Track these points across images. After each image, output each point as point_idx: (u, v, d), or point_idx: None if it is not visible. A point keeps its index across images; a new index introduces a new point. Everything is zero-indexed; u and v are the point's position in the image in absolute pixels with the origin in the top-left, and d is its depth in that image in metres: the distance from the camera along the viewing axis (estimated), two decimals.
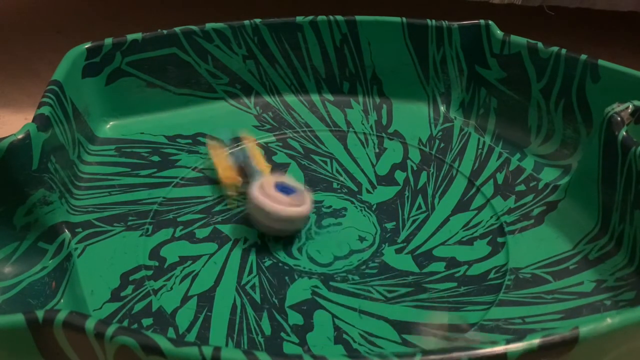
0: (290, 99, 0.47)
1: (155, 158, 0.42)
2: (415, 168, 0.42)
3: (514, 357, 0.22)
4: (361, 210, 0.38)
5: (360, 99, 0.48)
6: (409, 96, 0.47)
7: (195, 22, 0.45)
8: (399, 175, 0.41)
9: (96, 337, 0.23)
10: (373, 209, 0.38)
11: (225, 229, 0.37)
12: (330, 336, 0.30)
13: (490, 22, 0.45)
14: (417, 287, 0.33)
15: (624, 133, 0.34)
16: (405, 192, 0.40)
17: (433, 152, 0.43)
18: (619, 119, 0.34)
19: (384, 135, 0.45)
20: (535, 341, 0.22)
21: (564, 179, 0.39)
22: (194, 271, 0.34)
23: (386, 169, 0.42)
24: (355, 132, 0.45)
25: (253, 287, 0.33)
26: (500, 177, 0.40)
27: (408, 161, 0.42)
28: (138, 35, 0.43)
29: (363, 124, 0.46)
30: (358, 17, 0.46)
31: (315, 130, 0.45)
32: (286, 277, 0.34)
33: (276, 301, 0.32)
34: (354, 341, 0.30)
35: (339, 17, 0.46)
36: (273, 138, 0.44)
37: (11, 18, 0.69)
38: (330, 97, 0.48)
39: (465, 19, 0.46)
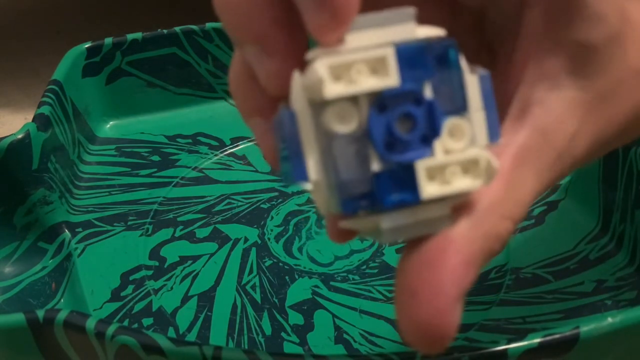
0: None
1: (156, 158, 0.42)
2: None
3: (515, 356, 0.22)
4: None
5: None
6: None
7: (196, 21, 0.45)
8: None
9: (97, 336, 0.23)
10: None
11: (226, 229, 0.37)
12: (330, 336, 0.30)
13: None
14: None
15: None
16: None
17: None
18: None
19: None
20: (536, 340, 0.22)
21: (564, 179, 0.39)
22: (194, 271, 0.34)
23: None
24: None
25: (253, 286, 0.33)
26: None
27: None
28: (138, 35, 0.43)
29: None
30: None
31: None
32: (286, 277, 0.33)
33: (276, 301, 0.32)
34: (355, 341, 0.30)
35: None
36: None
37: (11, 18, 0.69)
38: None
39: None
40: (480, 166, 0.16)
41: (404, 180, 0.15)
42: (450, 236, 0.16)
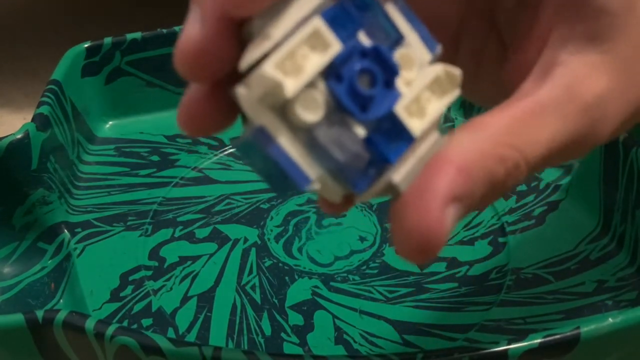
0: None
1: (155, 158, 0.42)
2: None
3: (516, 357, 0.22)
4: (362, 210, 0.38)
5: None
6: None
7: None
8: None
9: (96, 337, 0.23)
10: (374, 208, 0.38)
11: (225, 229, 0.36)
12: (330, 337, 0.30)
13: None
14: (418, 287, 0.33)
15: (625, 133, 0.34)
16: None
17: None
18: None
19: None
20: (537, 341, 0.22)
21: (565, 179, 0.39)
22: (193, 271, 0.34)
23: None
24: None
25: (253, 287, 0.33)
26: None
27: None
28: (137, 35, 0.43)
29: None
30: None
31: None
32: (286, 277, 0.33)
33: (276, 301, 0.32)
34: (355, 342, 0.30)
35: None
36: None
37: (10, 17, 0.69)
38: None
39: None
40: (442, 79, 0.16)
41: (392, 130, 0.16)
42: (445, 149, 0.16)
